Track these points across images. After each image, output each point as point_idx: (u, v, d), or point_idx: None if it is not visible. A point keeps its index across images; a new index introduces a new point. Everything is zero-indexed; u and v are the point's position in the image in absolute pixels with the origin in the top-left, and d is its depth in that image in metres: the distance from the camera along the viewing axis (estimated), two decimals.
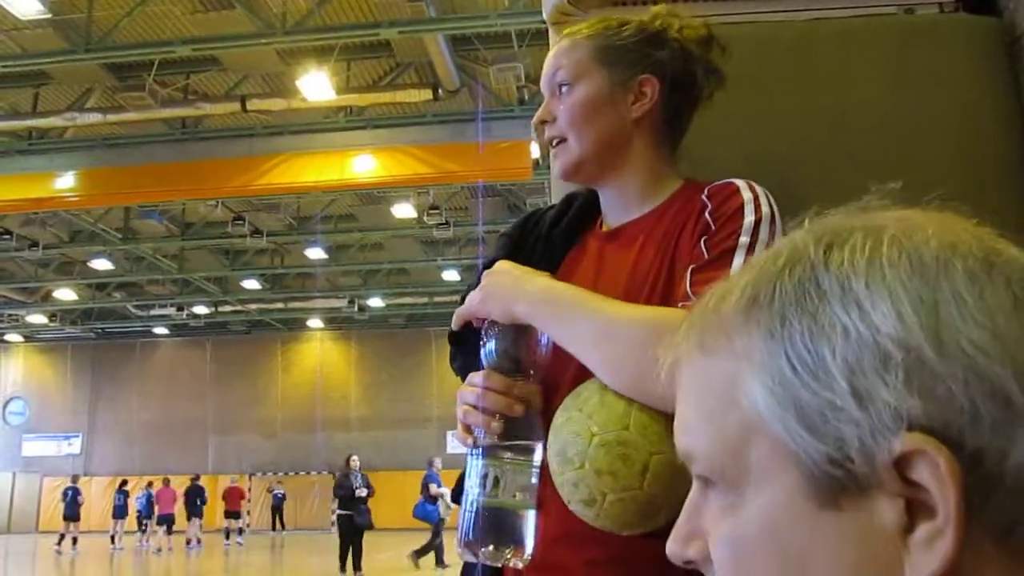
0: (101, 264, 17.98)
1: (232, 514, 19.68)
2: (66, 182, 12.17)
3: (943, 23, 1.62)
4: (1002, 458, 0.40)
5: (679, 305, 1.06)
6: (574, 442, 1.03)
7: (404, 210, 15.29)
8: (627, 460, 1.00)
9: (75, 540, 18.13)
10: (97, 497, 22.57)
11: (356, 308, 21.36)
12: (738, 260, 1.08)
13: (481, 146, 10.83)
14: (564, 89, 1.25)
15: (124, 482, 19.96)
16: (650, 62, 1.25)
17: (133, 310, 22.16)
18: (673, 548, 0.52)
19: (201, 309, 21.96)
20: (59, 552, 17.61)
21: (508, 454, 1.08)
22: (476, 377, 1.12)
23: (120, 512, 18.90)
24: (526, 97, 11.44)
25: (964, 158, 1.50)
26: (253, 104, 10.95)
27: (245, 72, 11.51)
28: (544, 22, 1.74)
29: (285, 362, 24.83)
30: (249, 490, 22.64)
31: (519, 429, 1.10)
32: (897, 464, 0.41)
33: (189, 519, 18.52)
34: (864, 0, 1.64)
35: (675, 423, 0.52)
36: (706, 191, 1.18)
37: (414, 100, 11.21)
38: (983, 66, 1.57)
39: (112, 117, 11.15)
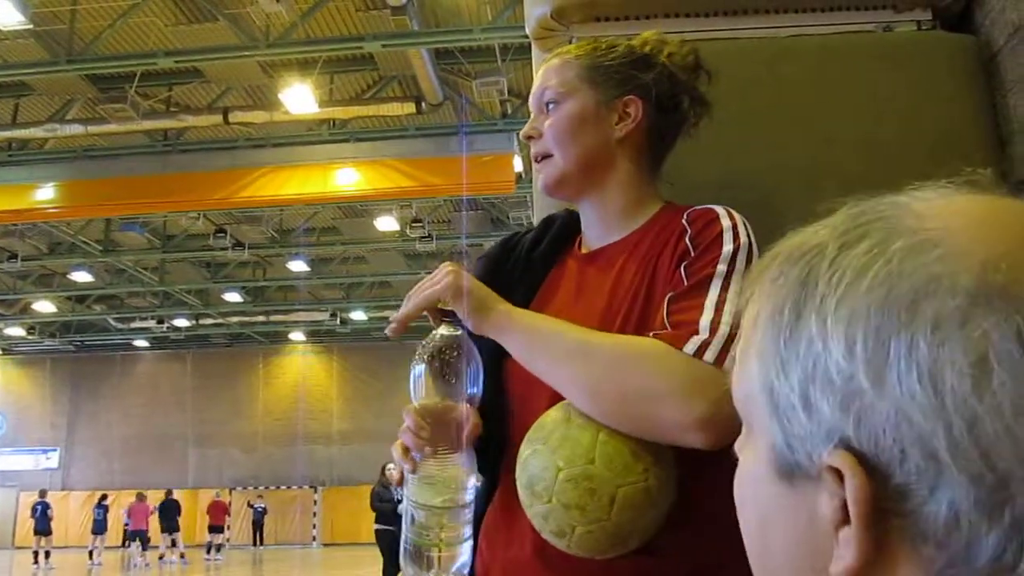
0: (81, 276, 17.85)
1: (216, 528, 19.51)
2: (46, 194, 12.08)
3: (921, 41, 1.64)
4: (924, 502, 0.41)
5: (651, 334, 1.06)
6: (541, 477, 1.03)
7: (387, 223, 15.27)
8: (594, 494, 1.00)
9: (47, 554, 17.92)
10: (75, 512, 22.34)
11: (338, 321, 21.29)
12: (714, 289, 1.08)
13: (465, 160, 10.84)
14: (551, 107, 1.27)
15: (104, 496, 19.75)
16: (636, 83, 1.26)
17: (113, 323, 21.98)
18: (736, 446, 0.55)
19: (182, 322, 21.81)
20: (37, 567, 17.43)
21: (426, 492, 1.08)
22: (405, 408, 1.12)
23: (99, 527, 18.69)
24: (509, 111, 11.47)
25: (941, 173, 1.51)
26: (236, 116, 10.92)
27: (228, 84, 11.48)
28: (527, 37, 1.75)
29: (266, 375, 24.69)
30: (229, 504, 22.49)
31: (442, 462, 1.09)
32: (831, 470, 0.43)
33: (163, 533, 18.31)
34: (843, 18, 1.66)
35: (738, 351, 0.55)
36: (686, 215, 1.19)
37: (397, 113, 11.21)
38: (960, 83, 1.59)
39: (93, 129, 11.09)
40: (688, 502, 1.07)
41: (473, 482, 1.11)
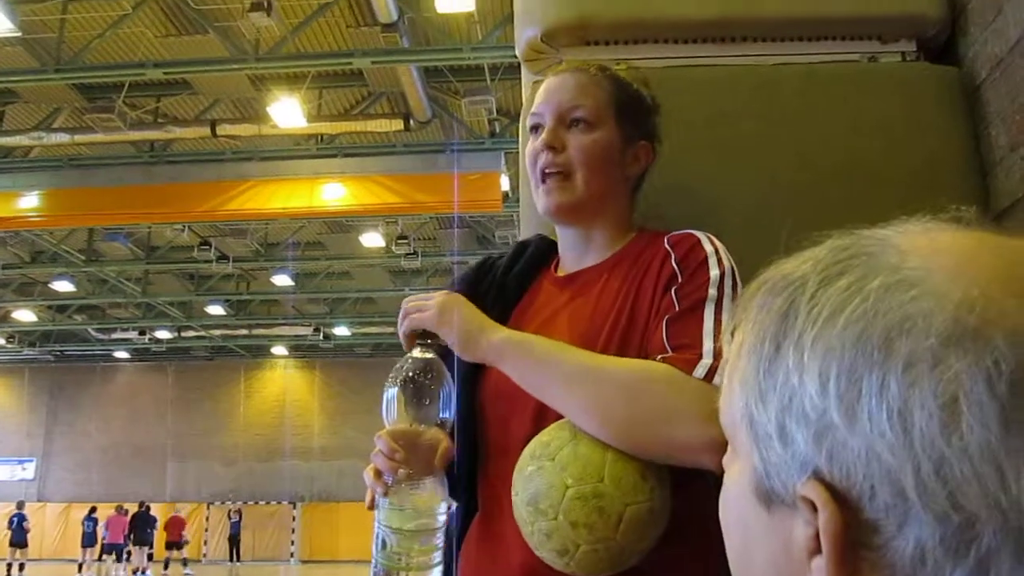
0: (63, 286, 17.72)
1: (173, 544, 19.22)
2: (30, 202, 11.99)
3: (905, 71, 1.67)
4: (892, 538, 0.42)
5: (658, 357, 1.07)
6: (547, 493, 1.03)
7: (372, 239, 15.25)
8: (603, 512, 1.00)
9: (21, 567, 17.68)
10: (51, 524, 22.07)
11: (321, 336, 21.20)
12: (708, 312, 1.10)
13: (456, 177, 10.86)
14: (581, 126, 1.26)
15: (93, 509, 19.46)
16: (648, 129, 1.31)
17: (94, 333, 21.80)
18: (724, 461, 0.56)
19: (164, 334, 21.67)
20: None
21: (402, 512, 1.07)
22: (378, 433, 1.12)
23: (89, 540, 18.42)
24: (497, 130, 11.50)
25: (924, 202, 1.53)
26: (223, 129, 10.91)
27: (216, 97, 11.46)
28: (516, 57, 1.76)
29: (248, 389, 24.52)
30: (207, 519, 22.25)
31: (415, 487, 1.09)
32: (805, 500, 0.44)
33: (137, 546, 18.09)
34: (829, 47, 1.68)
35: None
36: (667, 239, 1.21)
37: (385, 130, 11.23)
38: (943, 114, 1.61)
39: (80, 138, 11.04)
40: (675, 520, 1.07)
41: (444, 507, 1.10)
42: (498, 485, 1.17)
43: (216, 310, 19.88)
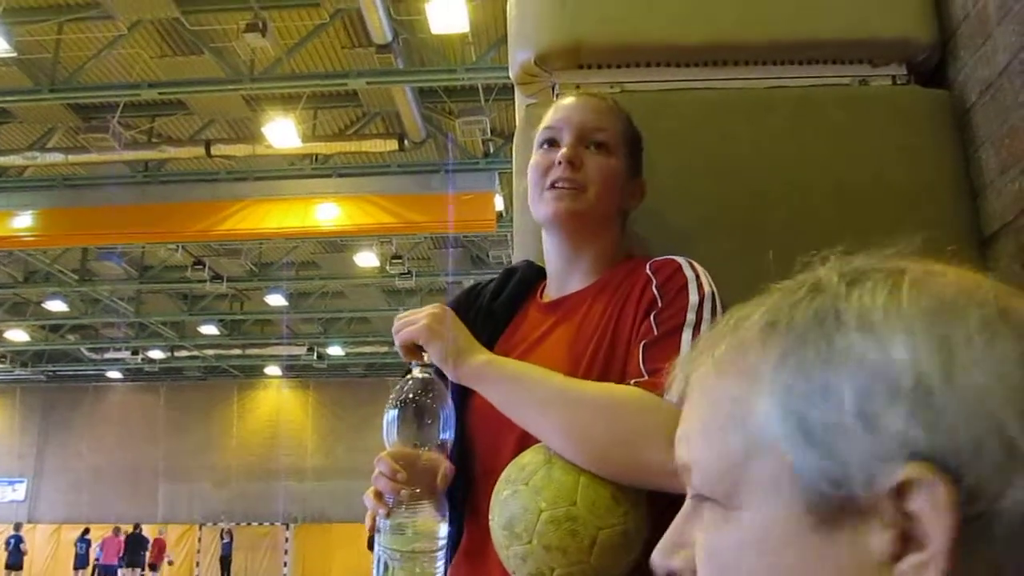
0: (56, 305, 17.66)
1: (152, 566, 19.12)
2: (24, 221, 11.98)
3: (896, 94, 1.68)
4: (997, 498, 0.41)
5: (632, 382, 1.09)
6: (522, 517, 1.03)
7: (367, 259, 15.24)
8: (576, 536, 1.01)
9: None
10: (41, 545, 21.87)
11: (315, 356, 21.14)
12: (686, 337, 1.12)
13: (450, 197, 10.87)
14: (600, 149, 1.30)
15: (87, 530, 19.32)
16: (641, 165, 1.36)
17: (87, 353, 21.72)
18: (658, 558, 0.53)
19: (157, 353, 21.59)
20: None
21: (399, 539, 1.07)
22: (379, 455, 1.13)
23: (81, 562, 18.28)
24: (491, 150, 11.53)
25: (915, 224, 1.54)
26: (218, 149, 10.90)
27: (211, 117, 11.48)
28: (511, 78, 1.78)
29: (241, 409, 24.41)
30: (199, 540, 22.10)
31: (415, 509, 1.09)
32: (895, 492, 0.42)
33: (131, 568, 17.96)
34: (820, 71, 1.69)
35: (678, 434, 0.54)
36: (649, 265, 1.23)
37: (380, 150, 11.24)
38: (933, 137, 1.62)
39: (74, 158, 11.03)
40: (651, 545, 1.07)
41: (445, 529, 1.10)
42: (483, 507, 1.17)
43: (209, 330, 19.82)
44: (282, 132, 10.35)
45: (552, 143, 1.31)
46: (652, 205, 1.37)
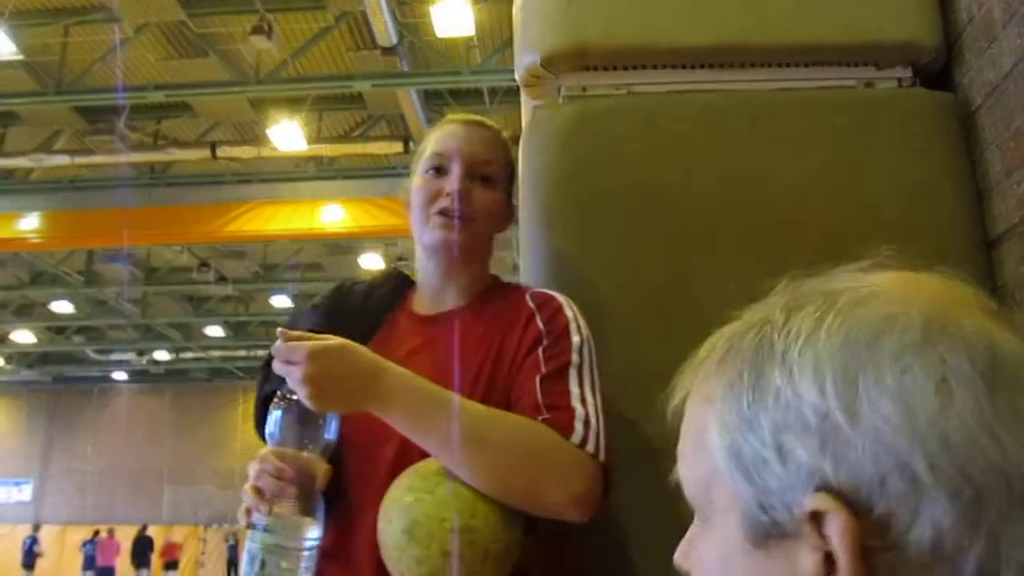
0: (62, 307, 17.70)
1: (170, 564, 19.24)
2: (30, 223, 12.01)
3: (901, 97, 1.68)
4: (907, 530, 0.43)
5: (540, 419, 1.16)
6: (425, 523, 1.11)
7: (372, 260, 15.25)
8: (473, 546, 1.10)
9: None
10: (47, 546, 21.87)
11: None
12: (573, 376, 1.21)
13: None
14: (485, 182, 1.36)
15: (96, 532, 19.36)
16: (514, 189, 1.43)
17: (92, 355, 21.76)
18: (677, 559, 0.57)
19: (162, 355, 21.62)
20: None
21: (280, 535, 1.10)
22: (260, 453, 1.15)
23: (90, 563, 18.34)
24: None
25: (920, 227, 1.54)
26: (223, 151, 10.92)
27: (216, 119, 11.51)
28: (515, 80, 1.78)
29: (246, 411, 24.36)
30: (204, 541, 22.10)
31: (295, 508, 1.11)
32: (812, 519, 0.44)
33: (137, 570, 18.01)
34: (825, 73, 1.69)
35: (678, 452, 0.57)
36: (530, 297, 1.31)
37: (385, 152, 11.24)
38: (939, 140, 1.62)
39: (80, 160, 11.06)
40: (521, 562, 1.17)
41: (320, 529, 1.14)
42: (355, 509, 1.22)
43: (215, 332, 19.85)
44: (287, 134, 10.37)
45: (440, 170, 1.37)
46: (655, 207, 1.37)
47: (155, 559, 19.34)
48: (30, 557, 18.06)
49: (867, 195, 1.56)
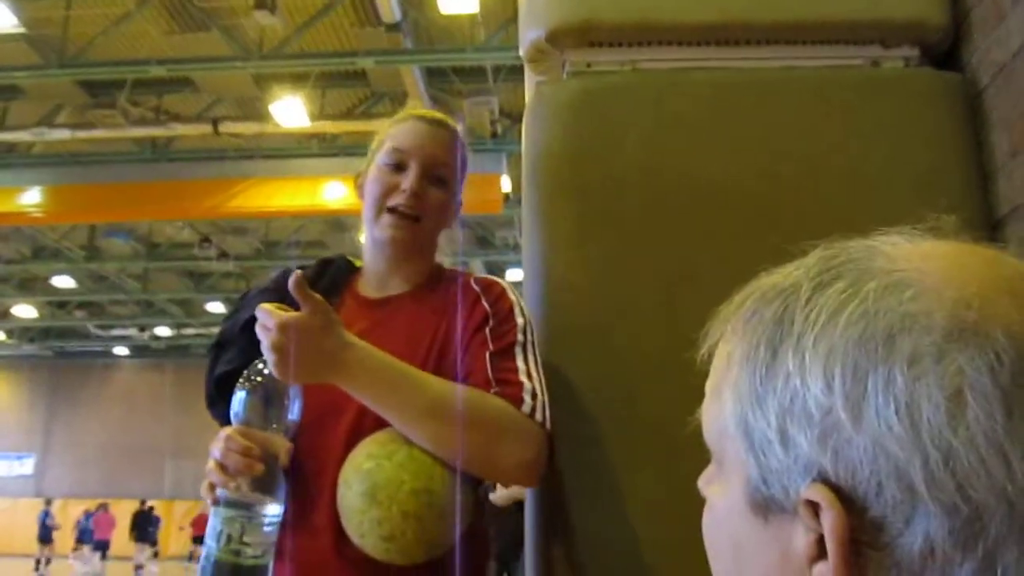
0: (63, 282, 17.72)
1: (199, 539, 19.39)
2: (32, 198, 11.99)
3: (908, 77, 1.67)
4: (900, 534, 0.42)
5: (491, 391, 1.25)
6: (385, 487, 1.17)
7: None
8: (431, 507, 1.18)
9: (48, 561, 17.71)
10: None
11: None
12: (519, 355, 1.30)
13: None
14: (439, 184, 1.42)
15: (101, 505, 19.45)
16: (461, 186, 1.48)
17: (94, 330, 21.81)
18: (700, 483, 0.57)
19: (164, 331, 21.66)
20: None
21: (245, 511, 1.13)
22: (224, 431, 1.18)
23: (87, 536, 18.47)
24: (499, 131, 11.49)
25: (926, 206, 1.54)
26: (226, 127, 10.89)
27: (219, 95, 11.46)
28: (519, 58, 1.77)
29: None
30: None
31: (259, 486, 1.14)
32: (808, 505, 0.44)
33: (139, 544, 18.12)
34: (832, 51, 1.68)
35: (706, 388, 0.56)
36: (475, 282, 1.40)
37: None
38: (945, 119, 1.61)
39: (82, 134, 11.02)
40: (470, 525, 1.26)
41: (282, 506, 1.17)
42: (313, 481, 1.28)
43: (216, 307, 19.88)
44: (290, 111, 10.33)
45: (398, 167, 1.43)
46: (660, 184, 1.37)
47: (187, 532, 19.52)
48: (46, 531, 18.19)
49: (873, 174, 1.55)
